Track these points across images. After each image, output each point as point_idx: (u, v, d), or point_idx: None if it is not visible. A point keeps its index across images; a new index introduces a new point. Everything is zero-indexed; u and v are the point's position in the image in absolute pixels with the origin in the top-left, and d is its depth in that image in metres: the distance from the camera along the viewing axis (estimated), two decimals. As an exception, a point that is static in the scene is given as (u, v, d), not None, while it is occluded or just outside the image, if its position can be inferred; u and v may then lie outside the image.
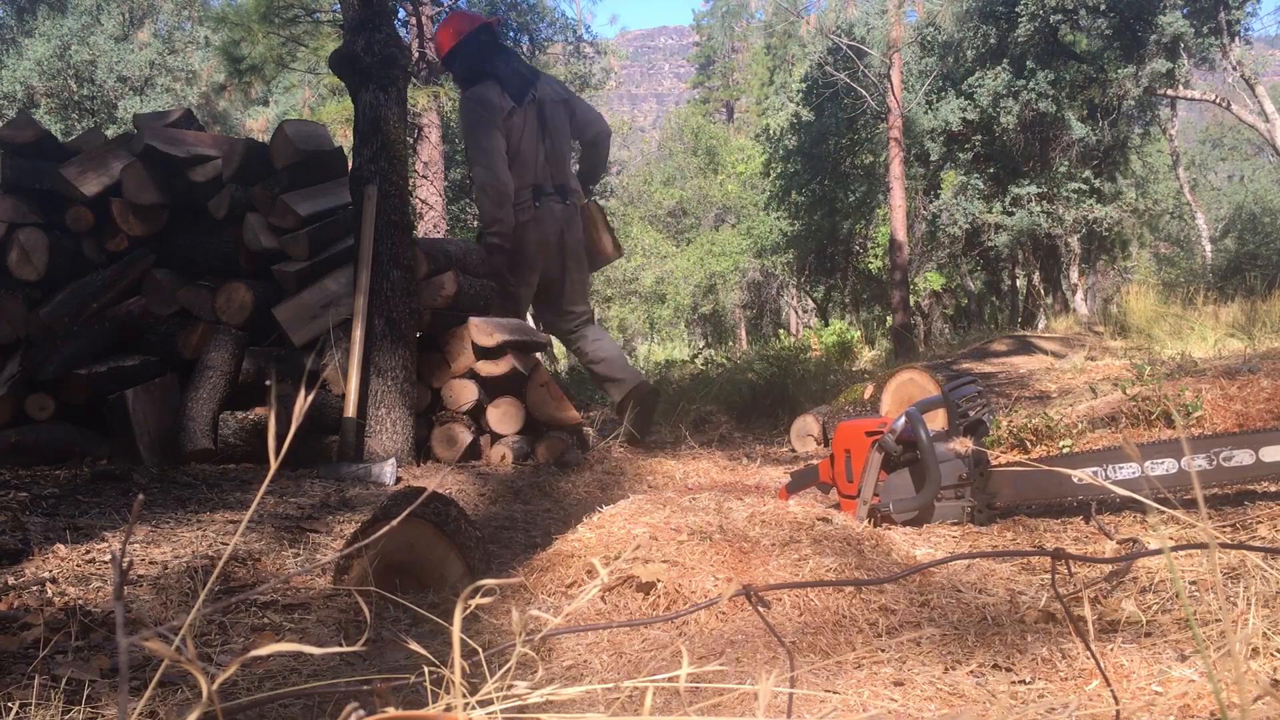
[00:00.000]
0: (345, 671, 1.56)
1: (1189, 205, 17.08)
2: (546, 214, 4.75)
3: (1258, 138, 15.67)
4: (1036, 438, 2.85)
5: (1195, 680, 1.28)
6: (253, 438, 3.67)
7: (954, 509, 2.42)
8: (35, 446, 3.58)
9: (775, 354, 6.85)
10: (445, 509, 2.07)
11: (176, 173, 4.00)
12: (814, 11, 18.26)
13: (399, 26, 12.08)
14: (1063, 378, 5.67)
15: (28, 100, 16.90)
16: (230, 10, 12.45)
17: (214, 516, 2.62)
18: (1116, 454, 2.29)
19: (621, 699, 1.32)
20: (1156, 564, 1.83)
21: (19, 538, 2.16)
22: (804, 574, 1.82)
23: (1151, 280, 13.46)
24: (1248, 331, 7.38)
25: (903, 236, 13.34)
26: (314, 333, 3.88)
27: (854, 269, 18.26)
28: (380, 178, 3.83)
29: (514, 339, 4.14)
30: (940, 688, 1.37)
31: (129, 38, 18.13)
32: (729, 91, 34.95)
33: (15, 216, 3.90)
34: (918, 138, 14.79)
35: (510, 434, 4.07)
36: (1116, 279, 18.43)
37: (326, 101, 13.98)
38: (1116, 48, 13.24)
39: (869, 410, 4.34)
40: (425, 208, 12.41)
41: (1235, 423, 2.78)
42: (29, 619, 1.74)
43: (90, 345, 3.77)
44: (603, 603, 1.78)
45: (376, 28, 3.88)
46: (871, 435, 2.52)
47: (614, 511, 2.19)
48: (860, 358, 11.48)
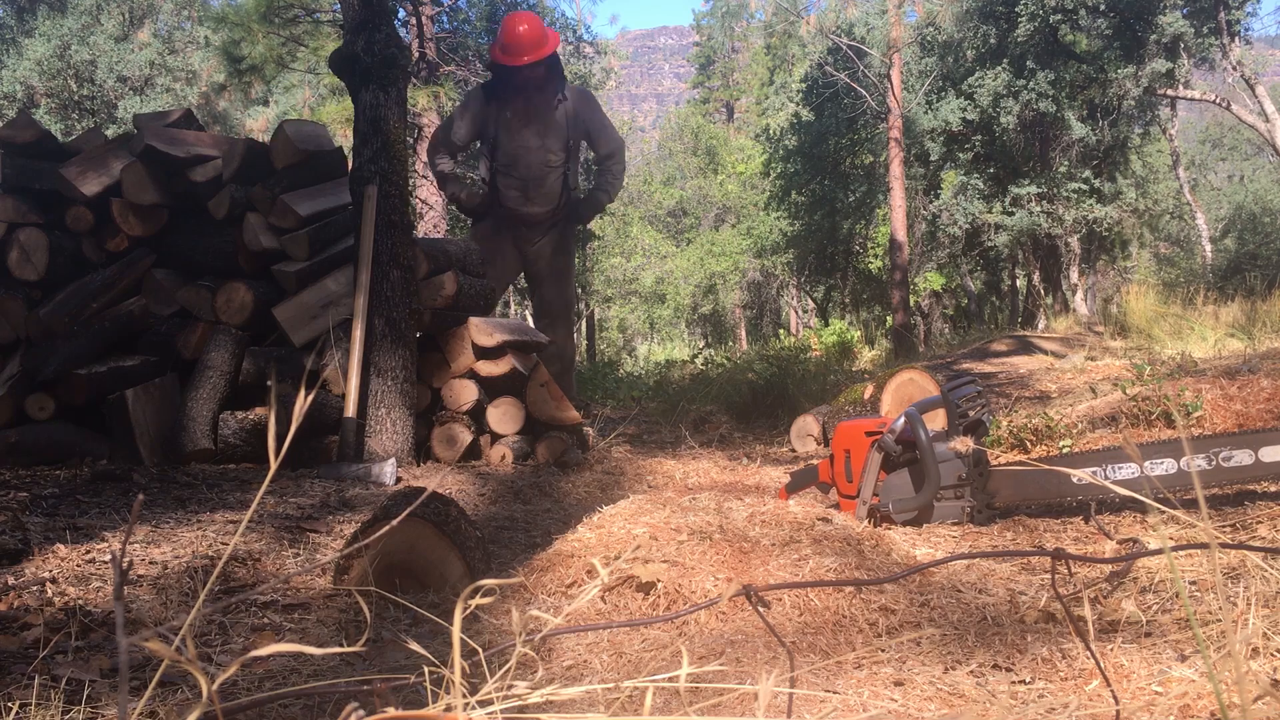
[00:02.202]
0: (345, 671, 1.56)
1: (1189, 205, 17.09)
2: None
3: (1258, 138, 15.66)
4: (1036, 438, 2.85)
5: (1195, 680, 1.28)
6: (253, 438, 3.67)
7: (954, 509, 2.42)
8: (35, 446, 3.58)
9: (775, 354, 6.85)
10: (445, 509, 2.07)
11: (176, 173, 4.00)
12: (814, 11, 18.27)
13: (399, 26, 12.08)
14: (1063, 378, 5.67)
15: (28, 100, 16.90)
16: (230, 10, 12.45)
17: (214, 516, 2.62)
18: (1116, 454, 2.28)
19: (621, 699, 1.32)
20: (1156, 564, 1.83)
21: (19, 538, 2.16)
22: (804, 574, 1.82)
23: (1151, 280, 13.47)
24: (1248, 331, 7.38)
25: (903, 236, 13.34)
26: (314, 333, 3.88)
27: (854, 269, 18.27)
28: (380, 178, 3.83)
29: (514, 339, 4.14)
30: (940, 688, 1.37)
31: (129, 38, 18.13)
32: (729, 91, 34.94)
33: (15, 216, 3.90)
34: (918, 138, 14.79)
35: (510, 434, 4.07)
36: (1116, 279, 18.44)
37: (326, 101, 13.99)
38: (1116, 48, 13.25)
39: (869, 410, 4.34)
40: (425, 208, 12.42)
41: (1235, 423, 2.78)
42: (29, 619, 1.74)
43: (90, 345, 3.76)
44: (603, 603, 1.78)
45: (376, 28, 3.88)
46: (871, 435, 2.52)
47: (614, 511, 2.19)
48: (860, 358, 11.48)
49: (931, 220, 15.80)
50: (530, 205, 5.25)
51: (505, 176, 5.22)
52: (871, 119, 15.54)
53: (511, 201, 5.25)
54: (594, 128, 5.38)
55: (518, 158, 5.18)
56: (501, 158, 5.21)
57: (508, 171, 5.21)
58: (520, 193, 5.23)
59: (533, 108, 5.15)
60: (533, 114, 5.15)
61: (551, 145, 5.20)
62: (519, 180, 5.21)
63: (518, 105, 5.15)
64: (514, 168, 5.19)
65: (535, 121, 5.16)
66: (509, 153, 5.18)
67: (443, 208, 12.49)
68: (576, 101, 5.31)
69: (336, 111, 11.81)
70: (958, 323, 17.74)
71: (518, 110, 5.15)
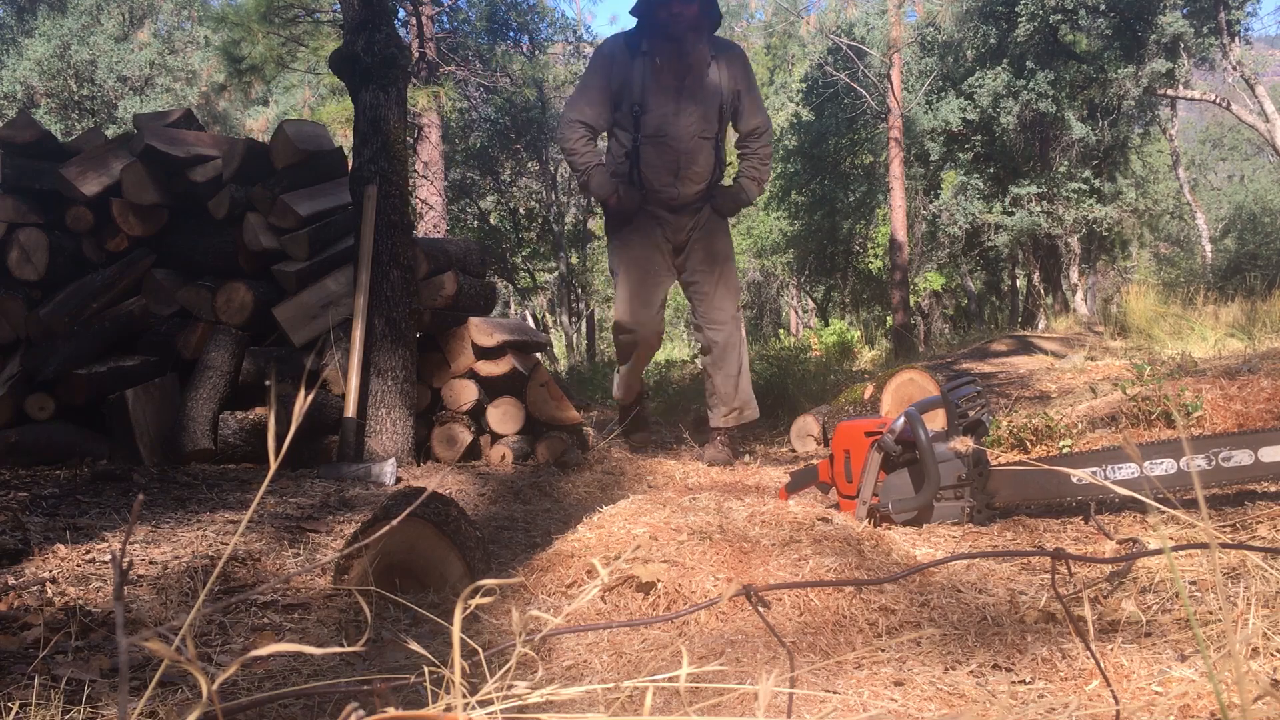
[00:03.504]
0: (345, 671, 1.56)
1: (1189, 205, 17.10)
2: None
3: (1258, 138, 15.68)
4: (1036, 438, 2.85)
5: (1195, 680, 1.28)
6: (253, 438, 3.67)
7: (953, 509, 2.42)
8: (35, 446, 3.58)
9: (775, 354, 6.86)
10: (445, 509, 2.07)
11: (176, 173, 4.00)
12: (814, 11, 18.28)
13: (399, 26, 12.08)
14: (1063, 378, 5.67)
15: (28, 100, 16.90)
16: (230, 10, 12.46)
17: (214, 516, 2.62)
18: (1116, 454, 2.28)
19: (621, 699, 1.32)
20: (1156, 564, 1.83)
21: (19, 538, 2.16)
22: (804, 574, 1.82)
23: (1151, 280, 13.47)
24: (1248, 331, 7.38)
25: (903, 236, 13.35)
26: (314, 333, 3.88)
27: (854, 269, 18.27)
28: (380, 178, 3.83)
29: (514, 339, 4.14)
30: (940, 688, 1.37)
31: (129, 38, 18.13)
32: (729, 91, 34.89)
33: (15, 216, 3.90)
34: (918, 138, 14.80)
35: (510, 434, 4.07)
36: (1116, 279, 18.45)
37: (326, 101, 13.99)
38: (1116, 48, 13.25)
39: (869, 410, 4.34)
40: (425, 208, 12.42)
41: (1235, 423, 2.78)
42: (29, 619, 1.74)
43: (90, 345, 3.76)
44: (603, 603, 1.78)
45: (376, 28, 3.88)
46: (871, 435, 2.52)
47: (614, 511, 2.19)
48: (860, 358, 11.48)
49: (931, 220, 15.81)
50: (682, 186, 4.11)
51: (653, 149, 4.07)
52: (871, 119, 15.54)
53: (659, 183, 4.10)
54: (745, 92, 4.18)
55: (666, 126, 4.04)
56: (647, 126, 4.06)
57: (656, 143, 4.06)
58: (670, 172, 4.08)
59: (686, 61, 4.01)
60: (685, 68, 4.02)
61: (707, 110, 4.08)
62: (670, 155, 4.07)
63: (668, 57, 4.01)
64: (664, 139, 4.05)
65: (688, 78, 4.04)
66: (657, 120, 4.05)
67: (442, 207, 12.49)
68: (726, 58, 4.15)
69: (336, 111, 11.82)
70: (958, 323, 17.75)
71: (668, 63, 4.01)
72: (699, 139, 4.08)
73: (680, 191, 4.11)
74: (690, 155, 4.07)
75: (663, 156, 4.06)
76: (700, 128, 4.06)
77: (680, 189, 4.11)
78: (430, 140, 12.34)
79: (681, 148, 4.06)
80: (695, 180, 4.11)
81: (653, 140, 4.05)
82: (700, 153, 4.09)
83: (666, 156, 4.06)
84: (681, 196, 4.13)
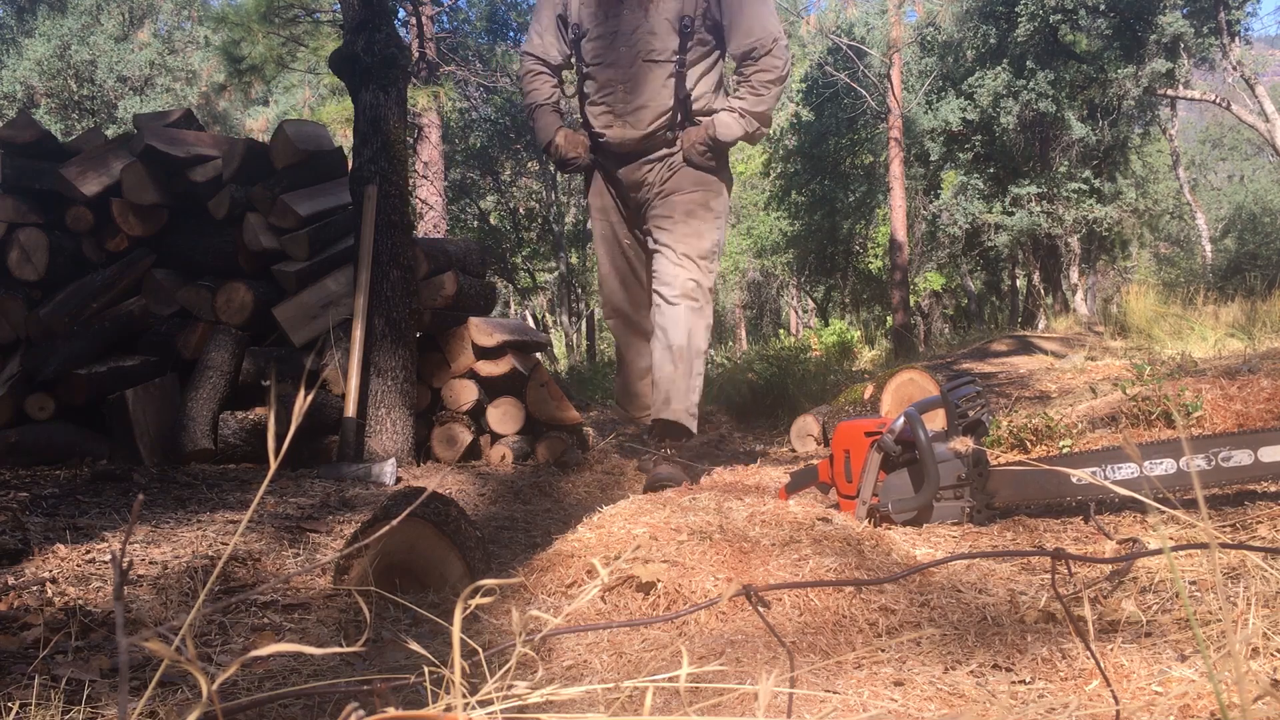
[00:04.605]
0: (345, 671, 1.56)
1: (1189, 205, 17.10)
2: None
3: (1258, 138, 15.67)
4: (1036, 438, 2.85)
5: (1195, 680, 1.28)
6: (253, 438, 3.67)
7: (953, 509, 2.42)
8: (35, 446, 3.58)
9: (775, 354, 6.85)
10: (445, 509, 2.07)
11: (176, 173, 4.00)
12: (814, 11, 18.28)
13: (399, 26, 12.08)
14: (1063, 378, 5.67)
15: (28, 100, 16.91)
16: (230, 10, 12.46)
17: (214, 516, 2.62)
18: (1116, 454, 2.28)
19: (621, 699, 1.32)
20: (1156, 564, 1.83)
21: (19, 538, 2.16)
22: (804, 574, 1.82)
23: (1151, 280, 13.48)
24: (1248, 331, 7.38)
25: (903, 236, 13.35)
26: (314, 333, 3.88)
27: (854, 269, 18.28)
28: (380, 178, 3.83)
29: (514, 339, 4.14)
30: (940, 688, 1.37)
31: (129, 38, 18.14)
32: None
33: (15, 216, 3.90)
34: (918, 138, 14.81)
35: (510, 434, 4.07)
36: (1116, 279, 18.45)
37: (326, 101, 13.99)
38: (1116, 48, 13.26)
39: (869, 410, 4.34)
40: (425, 208, 12.42)
41: (1235, 423, 2.78)
42: (29, 619, 1.74)
43: (90, 345, 3.77)
44: (603, 603, 1.78)
45: (376, 28, 3.88)
46: (871, 435, 2.52)
47: (614, 511, 2.19)
48: (860, 358, 11.48)
49: (931, 220, 15.82)
50: (625, 127, 3.13)
51: (594, 82, 3.17)
52: (871, 119, 15.55)
53: (599, 124, 3.18)
54: (726, 3, 3.06)
55: (605, 51, 3.12)
56: (587, 53, 3.16)
57: (598, 73, 3.15)
58: (609, 109, 3.14)
59: None
60: None
61: (656, 25, 3.05)
62: (609, 88, 3.13)
63: None
64: (603, 65, 3.13)
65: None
66: (595, 44, 3.14)
67: (442, 207, 12.49)
68: None
69: (336, 111, 11.82)
70: (958, 323, 17.76)
71: None
72: (643, 62, 3.07)
73: (624, 135, 3.13)
74: (633, 84, 3.09)
75: (602, 91, 3.14)
76: (646, 47, 3.06)
77: (624, 130, 3.13)
78: (430, 140, 12.35)
79: (621, 76, 3.09)
80: (642, 119, 3.11)
81: (595, 70, 3.15)
82: (645, 81, 3.08)
83: (605, 90, 3.13)
84: (626, 141, 3.14)
